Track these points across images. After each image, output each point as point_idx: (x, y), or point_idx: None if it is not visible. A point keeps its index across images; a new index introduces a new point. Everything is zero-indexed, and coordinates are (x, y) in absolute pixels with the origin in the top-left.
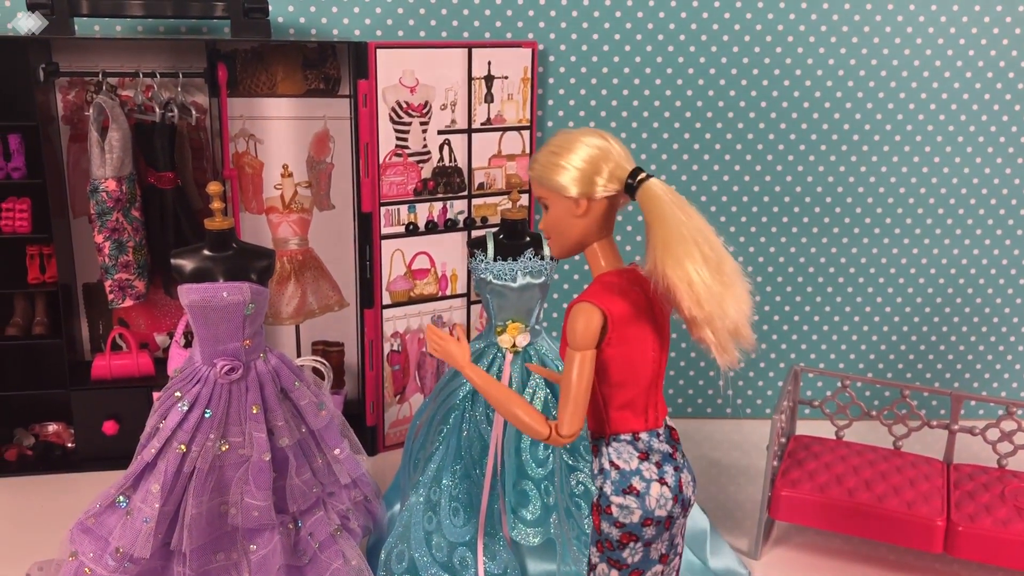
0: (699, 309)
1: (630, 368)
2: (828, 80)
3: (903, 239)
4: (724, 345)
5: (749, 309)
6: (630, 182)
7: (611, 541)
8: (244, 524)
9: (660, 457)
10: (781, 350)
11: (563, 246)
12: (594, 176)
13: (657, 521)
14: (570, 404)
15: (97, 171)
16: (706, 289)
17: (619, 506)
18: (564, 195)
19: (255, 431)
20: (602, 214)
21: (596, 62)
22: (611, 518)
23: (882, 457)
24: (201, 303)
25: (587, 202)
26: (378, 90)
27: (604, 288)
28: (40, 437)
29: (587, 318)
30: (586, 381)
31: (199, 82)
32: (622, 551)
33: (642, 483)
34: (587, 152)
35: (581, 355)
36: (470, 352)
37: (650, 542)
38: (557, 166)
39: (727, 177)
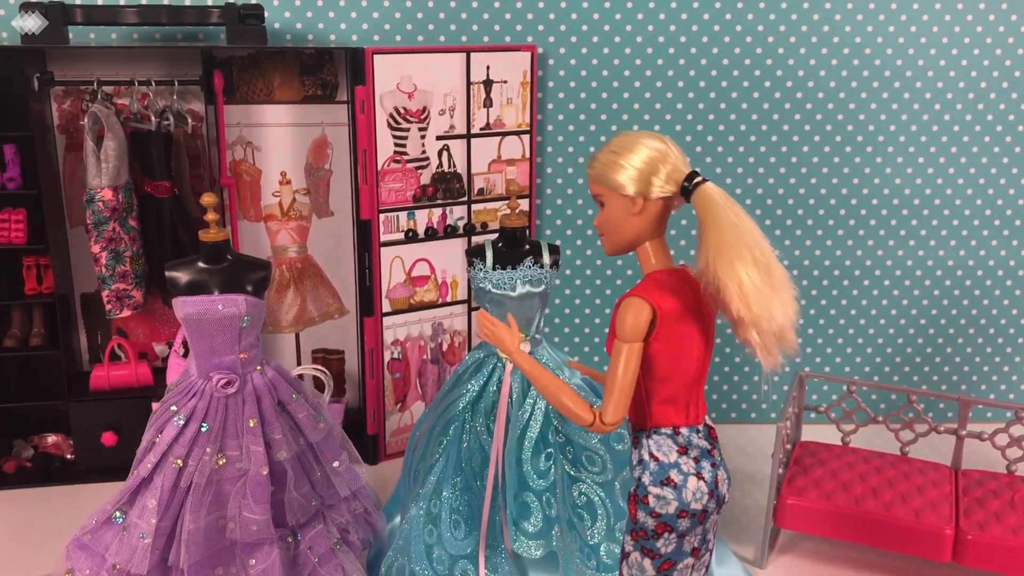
0: (747, 311)
1: (675, 364)
2: (831, 81)
3: (908, 241)
4: (769, 347)
5: (795, 315)
6: (686, 185)
7: (646, 530)
8: (243, 538)
9: (699, 452)
10: (786, 354)
11: (616, 243)
12: (652, 176)
13: (692, 514)
14: (615, 393)
15: (93, 180)
16: (756, 291)
17: (656, 496)
18: (621, 193)
19: (252, 445)
20: (657, 214)
21: (596, 65)
22: (647, 508)
23: (889, 463)
24: (196, 316)
25: (643, 201)
26: (375, 96)
27: (655, 284)
28: (39, 449)
29: (637, 312)
30: (632, 372)
31: (195, 90)
32: (656, 540)
33: (680, 476)
34: (647, 153)
35: (628, 347)
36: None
37: (684, 534)
38: (617, 165)
39: (730, 180)
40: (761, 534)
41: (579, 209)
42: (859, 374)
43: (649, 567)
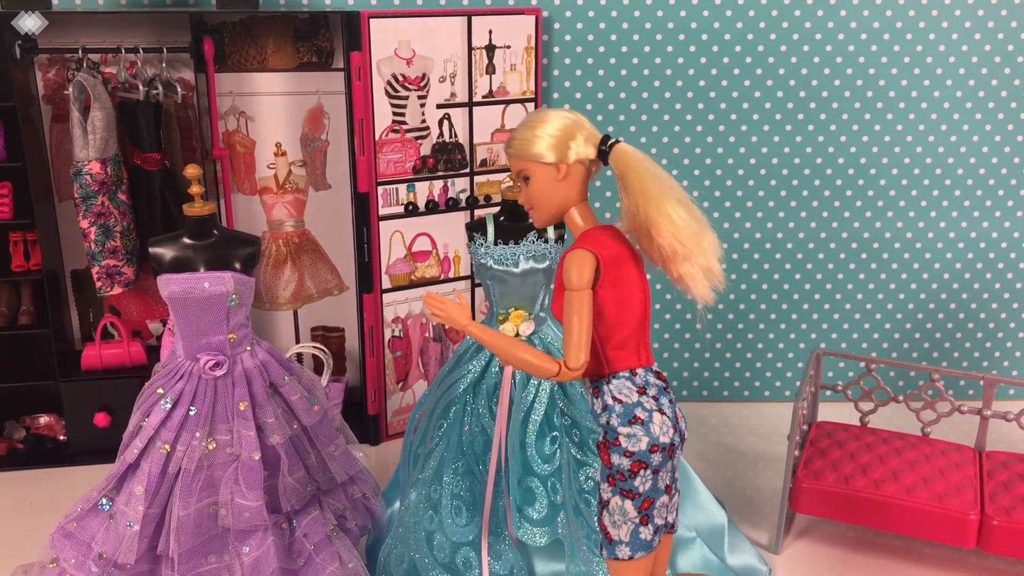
0: (680, 244)
1: (622, 309)
2: (849, 45)
3: (929, 212)
4: (700, 279)
5: (720, 249)
6: (602, 148)
7: (622, 472)
8: (235, 525)
9: (656, 391)
10: (801, 330)
11: (545, 213)
12: (569, 142)
13: (662, 448)
14: (574, 338)
15: (80, 153)
16: (685, 225)
17: (627, 435)
18: (543, 162)
19: (243, 429)
20: (579, 179)
21: (604, 29)
22: (620, 449)
23: (910, 444)
24: (181, 295)
25: (566, 167)
26: (372, 62)
27: (592, 238)
28: (31, 430)
29: (581, 261)
30: (587, 318)
31: (185, 57)
32: (634, 480)
33: (644, 413)
34: (560, 122)
35: (578, 295)
36: (470, 310)
37: (657, 469)
38: (536, 137)
39: (743, 149)
40: (775, 518)
41: None
42: (877, 351)
43: (631, 509)
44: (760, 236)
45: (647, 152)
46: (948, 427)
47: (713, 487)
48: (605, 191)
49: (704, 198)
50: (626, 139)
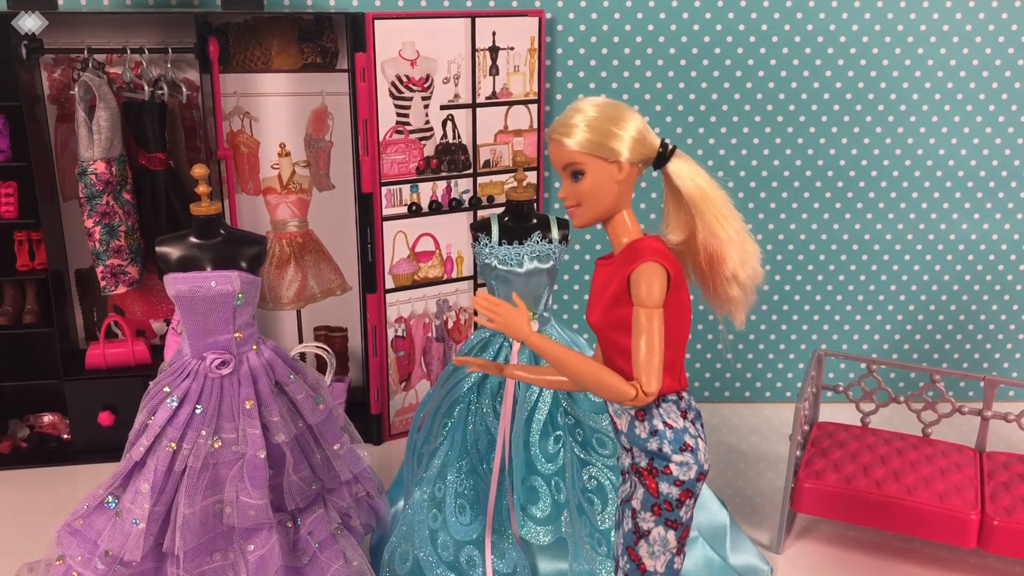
0: (742, 268)
1: (677, 329)
2: (851, 48)
3: (930, 214)
4: (745, 305)
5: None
6: (662, 150)
7: (670, 501)
8: (240, 523)
9: (694, 415)
10: (802, 331)
11: (594, 213)
12: (637, 140)
13: (704, 475)
14: (654, 360)
15: (85, 152)
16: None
17: (679, 464)
18: (610, 160)
19: (249, 427)
20: (633, 181)
21: (607, 31)
22: (671, 477)
23: (911, 445)
24: (188, 293)
25: (629, 166)
26: (376, 63)
27: (658, 250)
28: (35, 428)
29: (656, 275)
30: (662, 337)
31: (190, 58)
32: (680, 509)
33: (692, 439)
34: (636, 121)
35: (656, 312)
36: (529, 318)
37: (697, 497)
38: (613, 133)
39: (745, 151)
40: (776, 518)
41: None
42: (878, 352)
43: (672, 539)
44: (761, 238)
45: None
46: (948, 428)
47: (715, 487)
48: None
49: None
50: None
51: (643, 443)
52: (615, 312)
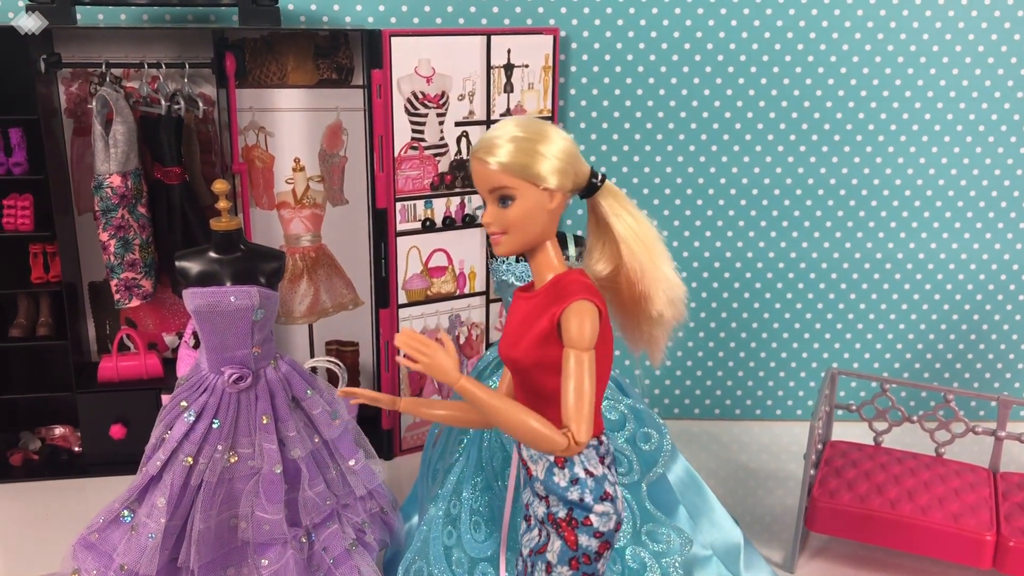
0: (669, 309)
1: (603, 370)
2: (864, 68)
3: (942, 234)
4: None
5: None
6: (593, 180)
7: (589, 555)
8: (255, 538)
9: (611, 459)
10: (813, 349)
11: (520, 242)
12: (571, 169)
13: (621, 525)
14: (585, 408)
15: (101, 166)
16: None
17: (600, 514)
18: (541, 186)
19: (265, 442)
20: (561, 210)
21: (621, 49)
22: (591, 529)
23: (924, 465)
24: (207, 308)
25: (560, 195)
26: (393, 80)
27: (586, 287)
28: (46, 441)
29: (594, 316)
30: (594, 381)
31: (206, 73)
32: (597, 562)
33: (611, 488)
34: (567, 146)
35: (589, 355)
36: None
37: (612, 548)
38: (540, 155)
39: (758, 169)
40: (788, 537)
41: None
42: (888, 370)
43: None
44: (773, 256)
45: (665, 173)
46: (960, 447)
47: (726, 505)
48: None
49: (718, 217)
50: (641, 159)
51: (563, 492)
52: (543, 352)
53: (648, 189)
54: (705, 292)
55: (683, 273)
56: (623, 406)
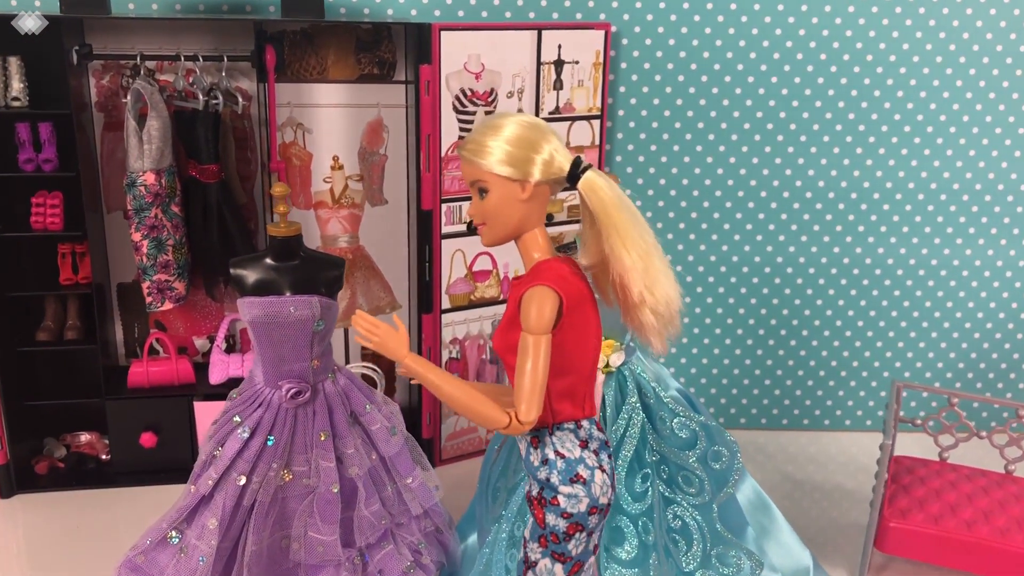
0: (650, 294)
1: (574, 355)
2: (925, 67)
3: (999, 241)
4: (662, 331)
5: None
6: (573, 170)
7: (557, 534)
8: (307, 560)
9: (598, 445)
10: (864, 358)
11: (499, 233)
12: (542, 160)
13: (600, 509)
14: (526, 387)
15: (135, 163)
16: (657, 274)
17: (567, 495)
18: (508, 177)
19: (322, 460)
20: (543, 200)
21: (673, 45)
22: (558, 509)
23: (994, 483)
24: (265, 319)
25: (531, 185)
26: (441, 76)
27: (556, 273)
28: (71, 448)
29: (544, 300)
30: (545, 366)
31: (243, 66)
32: (568, 543)
33: (587, 471)
34: (536, 135)
35: (538, 339)
36: (407, 341)
37: (592, 531)
38: (502, 148)
39: (812, 172)
40: (848, 556)
41: (649, 201)
42: (939, 381)
43: (560, 572)
44: (825, 262)
45: (716, 174)
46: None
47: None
48: None
49: (770, 221)
50: (692, 160)
51: (534, 471)
52: (510, 335)
53: (698, 191)
54: (755, 298)
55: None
56: (695, 423)
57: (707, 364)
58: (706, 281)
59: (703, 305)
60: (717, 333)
